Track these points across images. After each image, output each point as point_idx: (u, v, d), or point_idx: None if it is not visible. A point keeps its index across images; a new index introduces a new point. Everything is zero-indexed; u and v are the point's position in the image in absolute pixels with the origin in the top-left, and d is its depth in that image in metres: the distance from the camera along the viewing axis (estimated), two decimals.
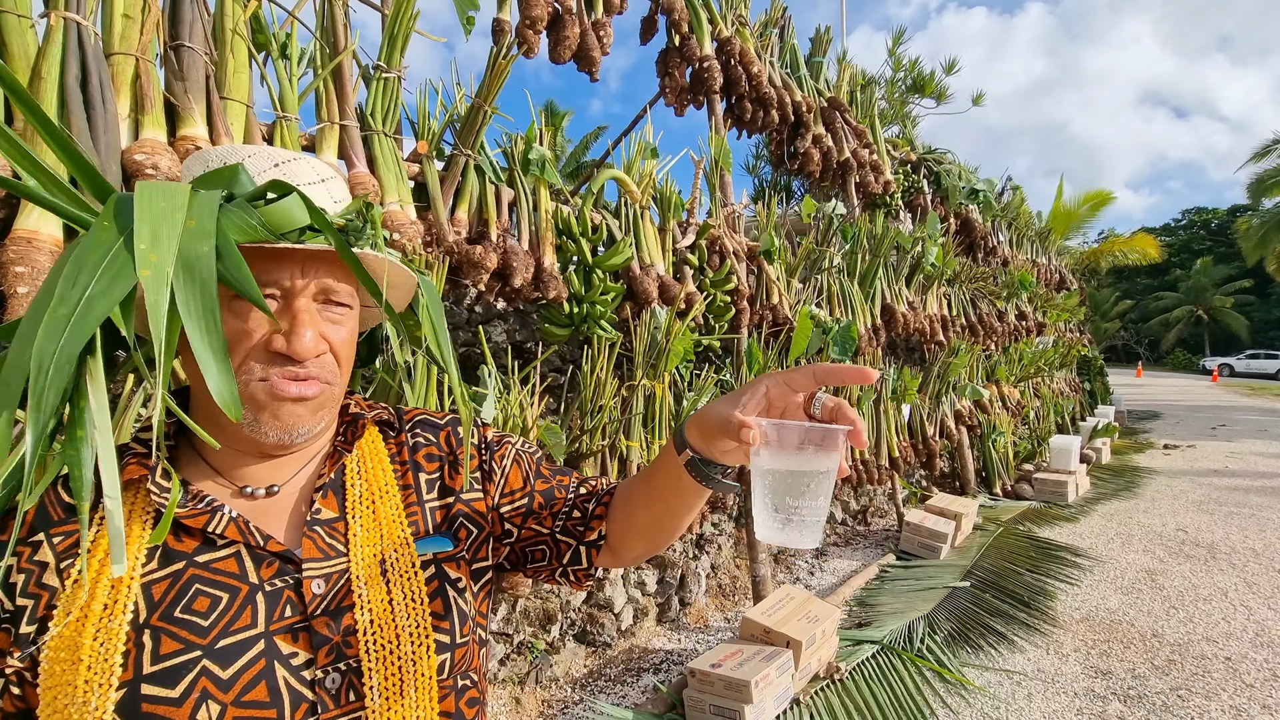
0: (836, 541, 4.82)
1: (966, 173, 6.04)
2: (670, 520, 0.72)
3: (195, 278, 0.49)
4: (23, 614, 0.53)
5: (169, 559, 0.57)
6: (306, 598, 0.58)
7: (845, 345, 3.62)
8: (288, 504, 0.64)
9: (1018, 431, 7.03)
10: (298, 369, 0.59)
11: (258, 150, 0.63)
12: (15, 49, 1.31)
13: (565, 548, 0.76)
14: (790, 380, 0.58)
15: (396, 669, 0.59)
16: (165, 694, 0.51)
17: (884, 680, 2.73)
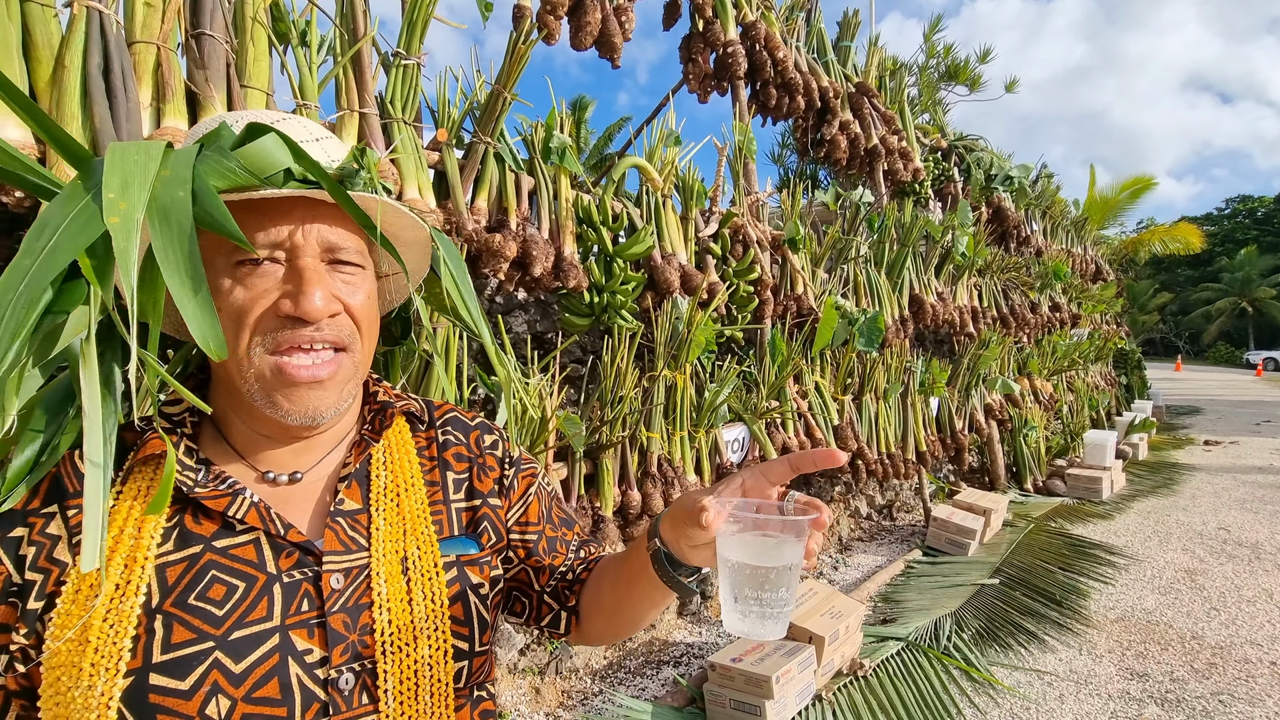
0: (861, 537, 4.75)
1: (999, 160, 5.87)
2: (628, 609, 0.69)
3: (171, 223, 0.47)
4: (31, 588, 0.51)
5: (186, 541, 0.55)
6: (325, 592, 0.56)
7: (871, 337, 3.55)
8: (311, 492, 0.62)
9: (1050, 426, 6.85)
10: (310, 332, 0.56)
11: (247, 113, 0.61)
12: (39, 38, 1.31)
13: (546, 610, 0.75)
14: (766, 471, 0.57)
15: (413, 673, 0.57)
16: (174, 685, 0.50)
17: (909, 678, 2.67)
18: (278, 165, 0.54)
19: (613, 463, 2.35)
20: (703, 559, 0.60)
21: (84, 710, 0.48)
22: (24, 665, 0.51)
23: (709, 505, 0.52)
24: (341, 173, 0.60)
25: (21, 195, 1.27)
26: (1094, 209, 10.76)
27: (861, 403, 3.82)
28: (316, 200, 0.57)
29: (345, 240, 0.60)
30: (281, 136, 0.54)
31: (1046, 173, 7.65)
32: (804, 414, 3.35)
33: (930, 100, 6.05)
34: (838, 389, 3.66)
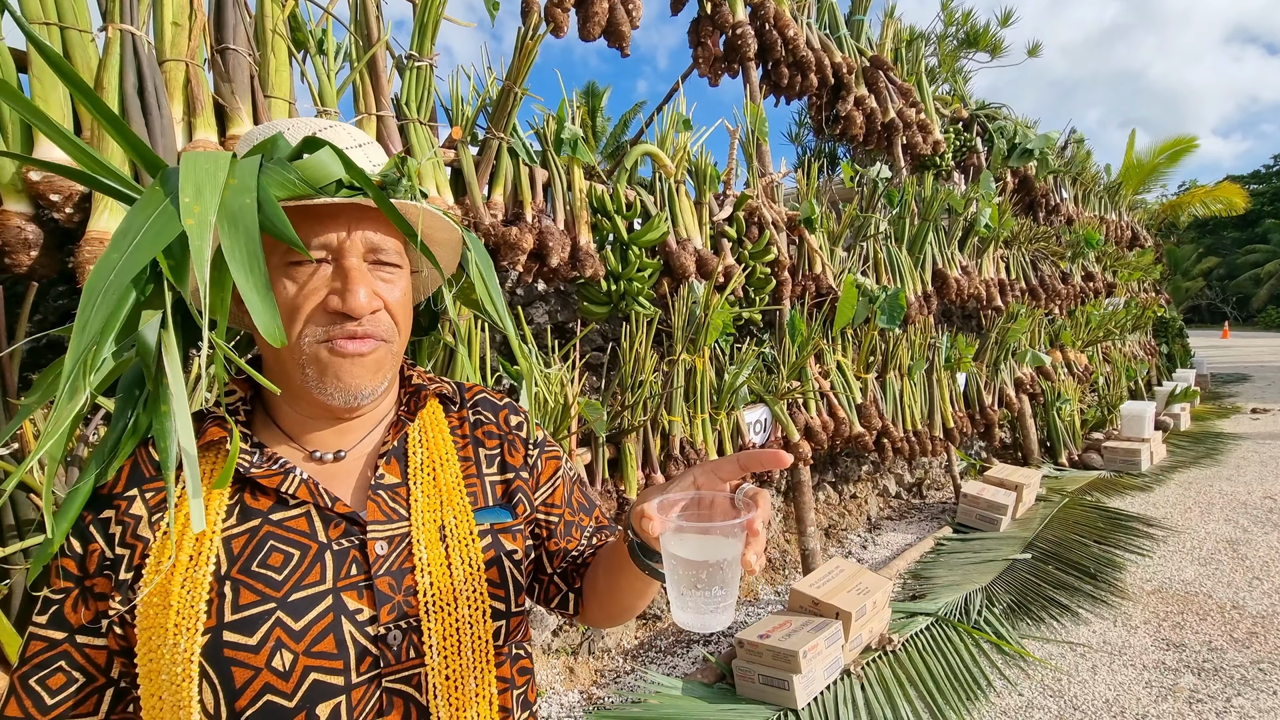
0: (890, 515, 4.74)
1: (1023, 128, 5.72)
2: (618, 595, 0.72)
3: (239, 226, 0.53)
4: (121, 562, 0.59)
5: (246, 516, 0.61)
6: (370, 558, 0.62)
7: (893, 314, 3.53)
8: (354, 469, 0.68)
9: (1086, 399, 6.70)
10: (354, 326, 0.62)
11: (296, 121, 0.67)
12: (79, 62, 1.40)
13: (555, 591, 0.78)
14: (717, 469, 0.61)
15: (454, 631, 0.62)
16: (244, 641, 0.56)
17: (938, 652, 2.69)
18: (331, 176, 0.60)
19: (635, 447, 2.41)
20: None
21: (171, 664, 0.55)
22: (121, 629, 0.58)
23: (652, 515, 0.56)
24: (384, 180, 0.65)
25: (71, 211, 1.36)
26: (1131, 173, 10.41)
27: (885, 381, 3.81)
28: (361, 205, 0.63)
29: (386, 242, 0.65)
30: (335, 150, 0.60)
31: (1076, 138, 7.43)
32: (826, 393, 3.35)
33: (950, 69, 5.92)
34: (860, 367, 3.66)
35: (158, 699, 0.56)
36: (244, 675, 0.56)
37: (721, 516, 0.58)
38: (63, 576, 0.60)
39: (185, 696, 0.54)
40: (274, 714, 0.56)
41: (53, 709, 0.57)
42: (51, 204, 1.36)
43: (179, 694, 0.54)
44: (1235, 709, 2.26)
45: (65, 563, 0.60)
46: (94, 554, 0.59)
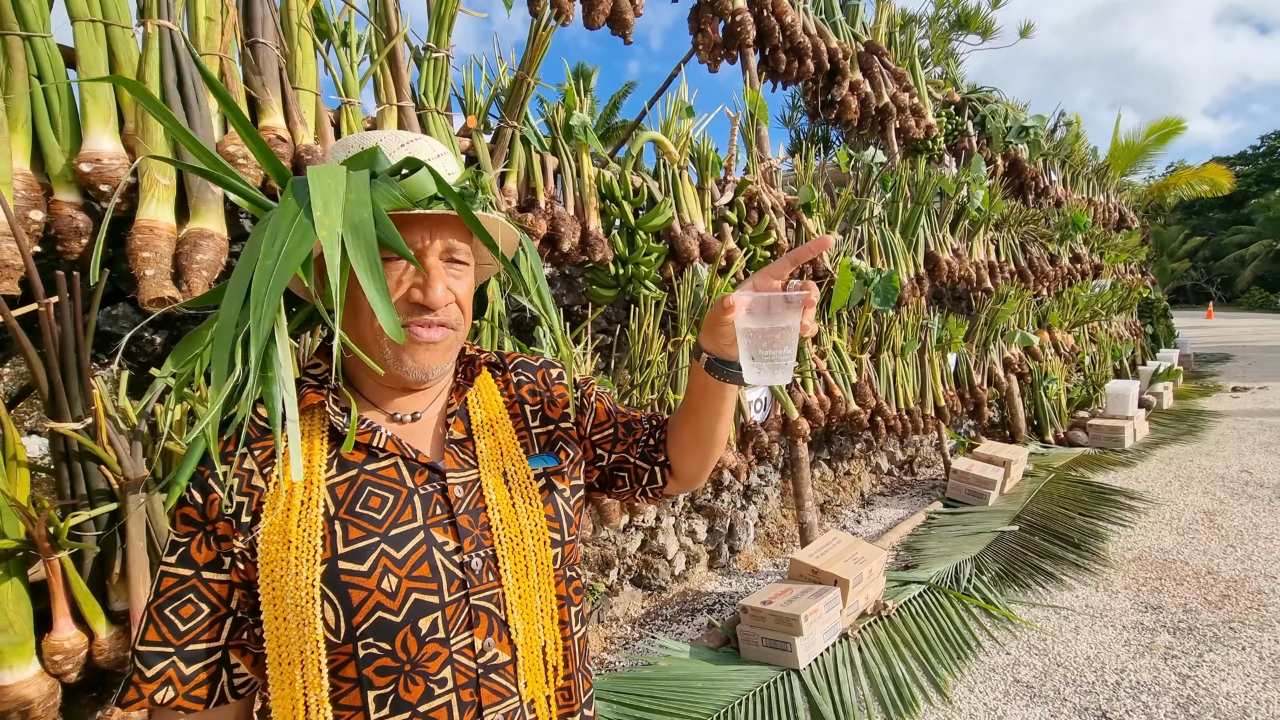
0: (883, 491, 4.90)
1: (1014, 110, 5.82)
2: (708, 427, 0.86)
3: (360, 236, 0.62)
4: (242, 508, 0.69)
5: (344, 467, 0.72)
6: (451, 499, 0.74)
7: (887, 295, 3.64)
8: (429, 427, 0.79)
9: (1072, 378, 6.88)
10: (431, 316, 0.73)
11: (386, 134, 0.76)
12: (122, 58, 1.47)
13: (642, 471, 0.92)
14: (770, 271, 0.74)
15: (523, 557, 0.74)
16: (358, 568, 0.67)
17: (931, 616, 2.84)
18: (427, 192, 0.70)
19: None
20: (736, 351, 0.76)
21: (295, 590, 0.65)
22: (243, 564, 0.68)
23: (731, 296, 0.71)
24: (464, 192, 0.75)
25: (119, 200, 1.44)
26: (1119, 156, 10.53)
27: (879, 360, 3.93)
28: (442, 213, 0.73)
29: (458, 244, 0.76)
30: (431, 171, 0.70)
31: (1065, 120, 7.53)
32: (823, 373, 3.47)
33: (942, 52, 5.99)
34: (855, 348, 3.78)
35: (283, 620, 0.66)
36: (359, 596, 0.66)
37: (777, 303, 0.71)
38: (186, 523, 0.69)
39: (310, 615, 0.65)
40: (385, 627, 0.67)
41: (185, 634, 0.67)
42: (101, 194, 1.43)
43: (304, 613, 0.65)
44: (1206, 663, 2.43)
45: (188, 511, 0.70)
46: (214, 503, 0.69)
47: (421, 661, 0.68)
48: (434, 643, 0.68)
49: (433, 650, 0.68)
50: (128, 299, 2.05)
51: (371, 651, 0.66)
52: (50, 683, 1.23)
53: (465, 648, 0.70)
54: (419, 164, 0.70)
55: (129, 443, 1.31)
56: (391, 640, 0.67)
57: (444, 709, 0.68)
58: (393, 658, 0.67)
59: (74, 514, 1.23)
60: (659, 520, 3.35)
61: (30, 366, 1.23)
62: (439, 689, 0.68)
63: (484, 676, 0.71)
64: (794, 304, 0.70)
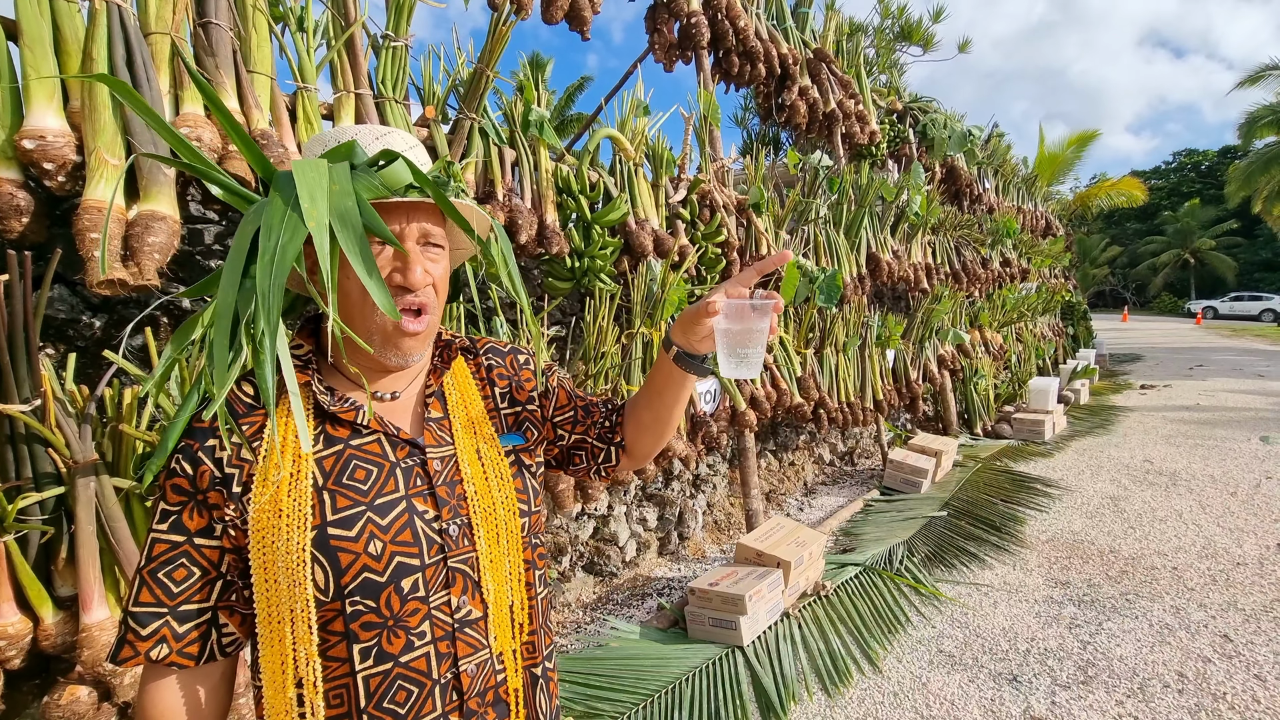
0: (824, 480, 5.11)
1: (952, 121, 6.12)
2: (667, 411, 0.96)
3: (348, 224, 0.66)
4: (232, 479, 0.73)
5: (331, 442, 0.77)
6: (431, 472, 0.79)
7: (831, 293, 3.81)
8: (408, 406, 0.84)
9: (1000, 375, 7.30)
10: (412, 297, 0.77)
11: (362, 128, 0.80)
12: (67, 32, 1.43)
13: (598, 450, 1.00)
14: (740, 279, 0.84)
15: (495, 526, 0.81)
16: (345, 534, 0.72)
17: (865, 595, 3.01)
18: (403, 181, 0.75)
19: None
20: (705, 347, 0.89)
21: (287, 554, 0.70)
22: (234, 532, 0.72)
23: (715, 299, 0.82)
24: (437, 181, 0.79)
25: (64, 179, 1.40)
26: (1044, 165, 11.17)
27: (823, 355, 4.11)
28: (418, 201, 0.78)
29: (434, 228, 0.81)
30: (407, 162, 0.74)
31: (998, 132, 7.95)
32: (769, 366, 3.61)
33: (887, 62, 6.24)
34: (800, 343, 3.94)
35: (273, 581, 0.70)
36: (348, 559, 0.72)
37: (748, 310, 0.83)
38: (177, 492, 0.73)
39: (300, 576, 0.70)
40: (370, 586, 0.72)
41: (178, 595, 0.71)
42: (45, 172, 1.40)
43: (295, 575, 0.70)
44: (1105, 631, 2.67)
45: (179, 481, 0.73)
46: (204, 474, 0.73)
47: (403, 617, 0.73)
48: (415, 600, 0.74)
49: (413, 607, 0.74)
50: (64, 280, 1.98)
51: (358, 608, 0.72)
52: None
53: (443, 604, 0.76)
54: (395, 155, 0.74)
55: (78, 425, 1.29)
56: (376, 598, 0.72)
57: (423, 659, 0.74)
58: (377, 614, 0.72)
59: (21, 497, 1.21)
60: (611, 509, 3.43)
61: None
62: (418, 641, 0.74)
63: (459, 630, 0.77)
64: (764, 310, 0.82)
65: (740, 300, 0.82)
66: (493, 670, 0.79)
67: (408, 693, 0.73)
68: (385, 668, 0.73)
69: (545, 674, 0.87)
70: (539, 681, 0.85)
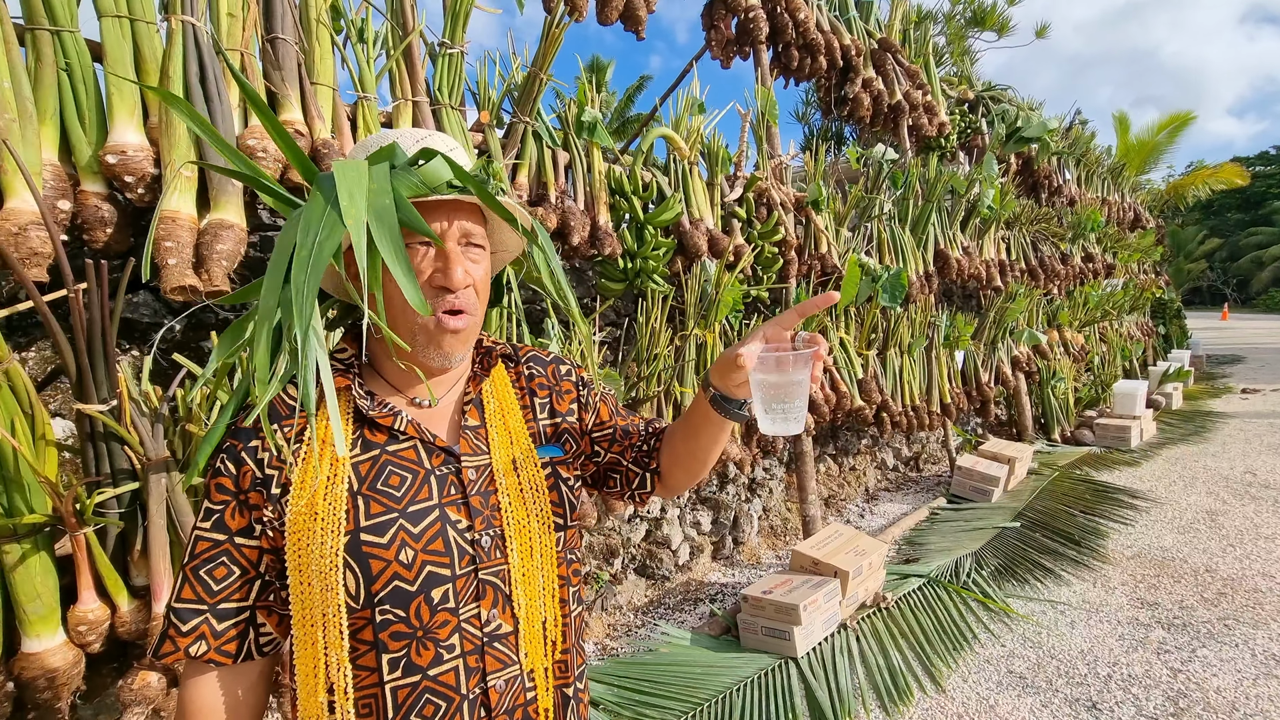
0: (888, 487, 4.93)
1: (1025, 110, 5.78)
2: (703, 451, 0.90)
3: (384, 222, 0.66)
4: (271, 480, 0.74)
5: (367, 447, 0.77)
6: (465, 481, 0.78)
7: (895, 292, 3.66)
8: (445, 413, 0.84)
9: (1081, 378, 6.86)
10: (452, 298, 0.77)
11: (403, 131, 0.80)
12: (146, 52, 1.51)
13: (634, 475, 0.96)
14: (779, 321, 0.78)
15: (528, 539, 0.79)
16: (378, 540, 0.72)
17: (929, 609, 2.88)
18: (442, 179, 0.74)
19: (649, 414, 2.56)
20: (743, 393, 0.82)
21: (320, 558, 0.70)
22: (272, 532, 0.73)
23: (744, 353, 0.75)
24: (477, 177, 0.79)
25: (143, 191, 1.48)
26: (1131, 153, 10.42)
27: (885, 357, 3.96)
28: (459, 200, 0.78)
29: (474, 228, 0.80)
30: (445, 159, 0.74)
31: (1080, 119, 7.47)
32: (828, 368, 3.50)
33: (958, 50, 5.96)
34: (862, 344, 3.80)
35: (307, 585, 0.71)
36: (379, 565, 0.71)
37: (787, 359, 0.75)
38: (220, 491, 0.74)
39: (333, 581, 0.70)
40: (400, 595, 0.72)
41: (217, 593, 0.73)
42: (126, 184, 1.48)
43: (328, 579, 0.70)
44: (1199, 658, 2.45)
45: (222, 481, 0.74)
46: (247, 474, 0.74)
47: (432, 628, 0.73)
48: (444, 611, 0.74)
49: (443, 619, 0.73)
50: (148, 287, 2.11)
51: (388, 617, 0.72)
52: (75, 652, 1.29)
53: (472, 617, 0.75)
54: (434, 153, 0.74)
55: (151, 424, 1.36)
56: (406, 608, 0.72)
57: (451, 673, 0.73)
58: (406, 624, 0.72)
59: (99, 491, 1.29)
60: (664, 511, 3.40)
61: (59, 350, 1.28)
62: (447, 654, 0.73)
63: (488, 645, 0.76)
64: (804, 360, 0.74)
65: (775, 352, 0.75)
66: (522, 688, 0.78)
67: (436, 707, 0.73)
68: (414, 680, 0.72)
69: (576, 694, 0.84)
70: (570, 703, 0.83)
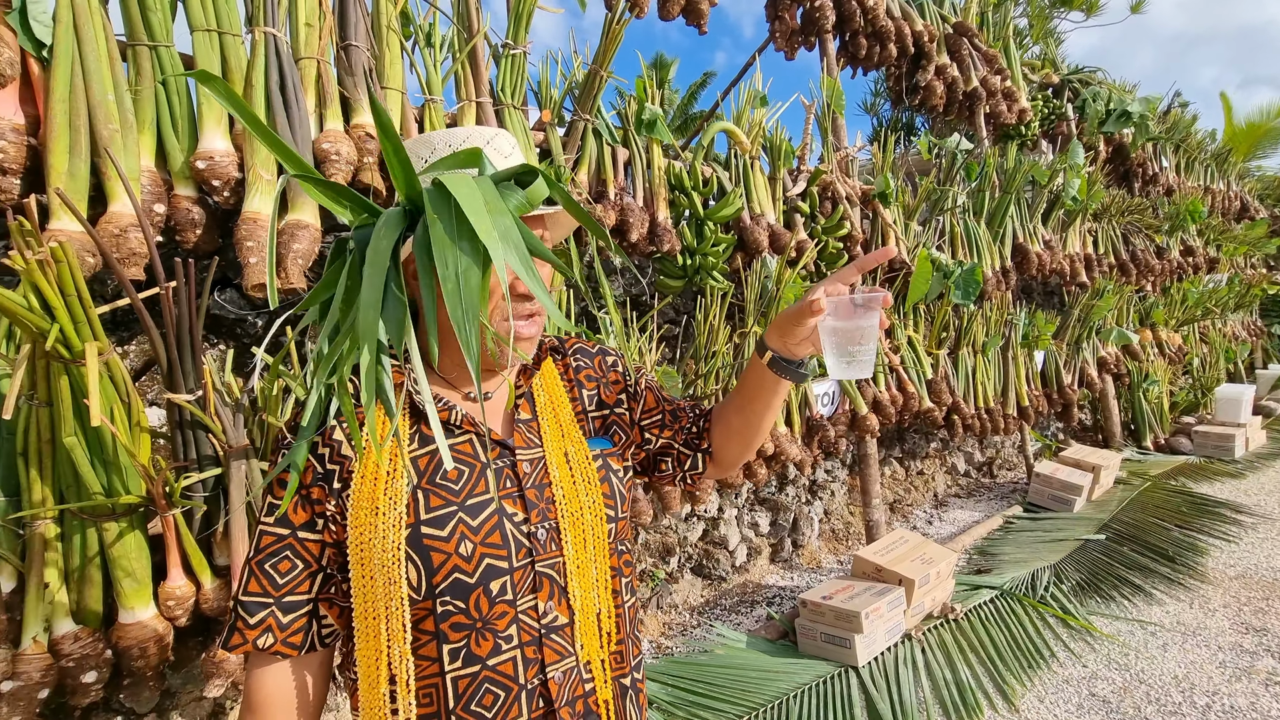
0: (958, 493, 4.71)
1: (1119, 92, 5.39)
2: (757, 418, 0.92)
3: (510, 242, 0.67)
4: (333, 475, 0.76)
5: (425, 442, 0.78)
6: (520, 474, 0.80)
7: (969, 289, 3.49)
8: (499, 407, 0.86)
9: (1177, 381, 6.36)
10: (530, 305, 0.79)
11: (471, 131, 0.81)
12: (232, 63, 1.60)
13: (685, 456, 0.98)
14: (840, 276, 0.80)
15: (582, 531, 0.80)
16: (438, 533, 0.73)
17: (1002, 622, 2.73)
18: (542, 197, 0.76)
19: None
20: (803, 350, 0.84)
21: (383, 551, 0.72)
22: (334, 526, 0.75)
23: (817, 298, 0.77)
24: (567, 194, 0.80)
25: (228, 195, 1.57)
26: (1239, 138, 9.56)
27: (958, 357, 3.78)
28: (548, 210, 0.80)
29: (544, 234, 0.83)
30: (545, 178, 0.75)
31: (1180, 102, 6.91)
32: (895, 368, 3.37)
33: (1041, 31, 5.61)
34: (932, 343, 3.64)
35: (370, 578, 0.73)
36: (439, 558, 0.73)
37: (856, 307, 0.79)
38: (283, 487, 0.77)
39: (395, 575, 0.72)
40: (460, 587, 0.73)
41: (283, 586, 0.75)
42: (213, 188, 1.57)
43: (390, 573, 0.72)
44: None
45: (284, 477, 0.77)
46: (309, 470, 0.76)
47: (491, 620, 0.74)
48: (502, 603, 0.75)
49: (501, 610, 0.75)
50: (234, 284, 2.24)
51: (448, 608, 0.73)
52: (164, 625, 1.38)
53: (529, 609, 0.76)
54: (536, 172, 0.75)
55: (232, 414, 1.45)
56: (466, 599, 0.73)
57: (510, 663, 0.75)
58: (466, 615, 0.74)
59: (185, 476, 1.38)
60: (721, 511, 3.37)
61: (152, 344, 1.38)
62: (505, 645, 0.75)
63: (545, 636, 0.77)
64: (873, 304, 0.78)
65: (846, 295, 0.78)
66: (580, 679, 0.78)
67: (495, 696, 0.74)
68: (473, 670, 0.73)
69: (635, 685, 0.85)
70: (628, 693, 0.84)
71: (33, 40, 1.37)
